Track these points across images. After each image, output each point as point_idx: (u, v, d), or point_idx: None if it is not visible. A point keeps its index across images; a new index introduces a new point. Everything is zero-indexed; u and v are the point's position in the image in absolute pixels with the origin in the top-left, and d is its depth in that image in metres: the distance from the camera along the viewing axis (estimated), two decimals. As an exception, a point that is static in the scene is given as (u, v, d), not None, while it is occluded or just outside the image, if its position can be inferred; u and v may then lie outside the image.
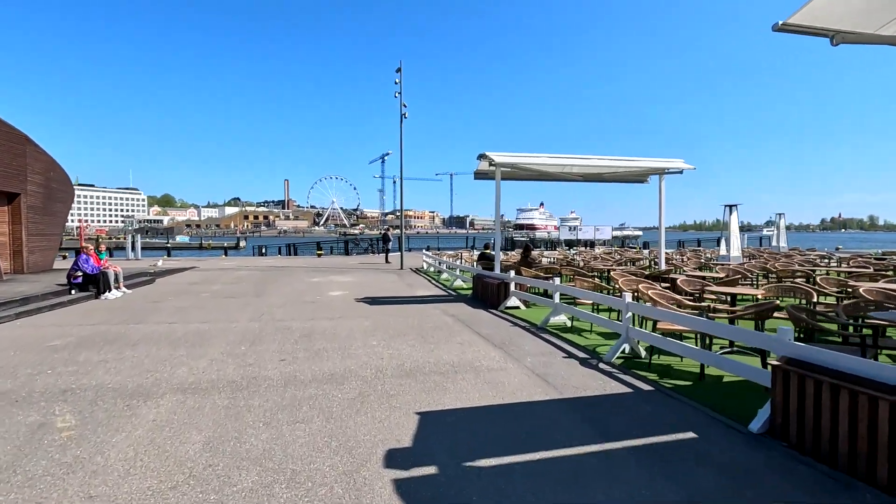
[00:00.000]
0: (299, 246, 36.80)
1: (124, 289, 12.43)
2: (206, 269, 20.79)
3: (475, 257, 19.48)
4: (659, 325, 5.72)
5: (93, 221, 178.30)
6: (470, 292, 12.90)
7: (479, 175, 12.18)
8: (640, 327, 6.40)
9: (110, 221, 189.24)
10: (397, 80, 20.48)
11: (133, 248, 26.94)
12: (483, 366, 5.73)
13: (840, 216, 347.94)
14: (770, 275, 11.16)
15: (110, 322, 8.54)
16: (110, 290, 11.67)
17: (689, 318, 5.04)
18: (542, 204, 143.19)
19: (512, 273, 10.15)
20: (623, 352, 6.03)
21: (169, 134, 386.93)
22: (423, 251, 22.55)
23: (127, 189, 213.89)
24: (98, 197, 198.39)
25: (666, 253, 21.98)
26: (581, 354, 6.29)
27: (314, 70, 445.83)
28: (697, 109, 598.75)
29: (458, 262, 17.94)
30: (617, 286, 8.55)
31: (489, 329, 7.97)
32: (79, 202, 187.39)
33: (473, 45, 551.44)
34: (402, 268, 21.07)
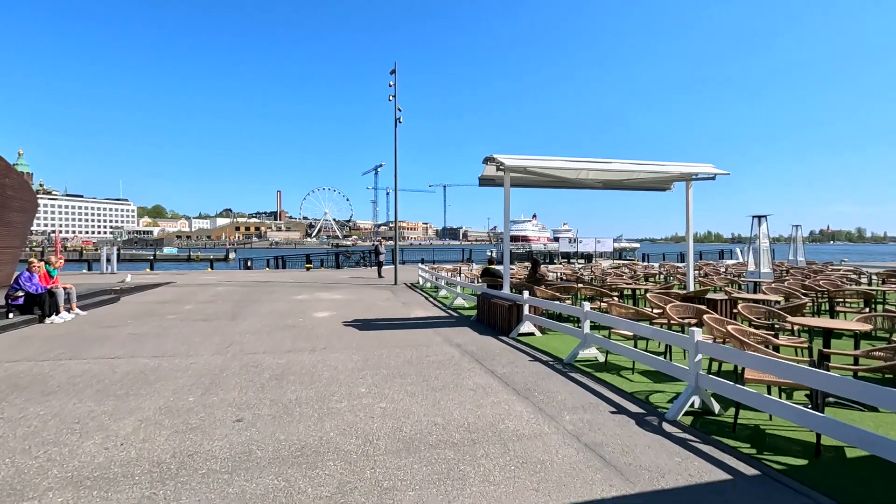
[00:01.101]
0: (288, 259, 35.15)
1: (77, 310, 10.83)
2: (183, 284, 19.15)
3: (476, 272, 18.04)
4: (748, 375, 4.28)
5: (81, 233, 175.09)
6: (473, 313, 11.44)
7: (485, 181, 10.80)
8: (711, 372, 4.93)
9: (99, 233, 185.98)
10: (391, 83, 19.19)
11: (109, 261, 25.15)
12: (510, 429, 4.25)
13: (829, 228, 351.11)
14: (818, 294, 9.80)
15: (39, 357, 6.97)
16: (58, 313, 10.07)
17: (798, 370, 3.61)
18: (534, 216, 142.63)
19: (526, 294, 8.71)
20: (692, 405, 4.58)
21: (160, 145, 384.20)
22: (419, 265, 21.07)
23: (117, 200, 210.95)
24: (86, 208, 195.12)
25: (678, 267, 20.70)
26: (633, 408, 4.83)
27: (307, 82, 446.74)
28: (680, 114, 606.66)
29: (457, 278, 16.49)
30: (655, 310, 7.14)
31: (505, 366, 6.49)
32: (67, 213, 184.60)
33: (466, 58, 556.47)
34: (396, 283, 19.57)
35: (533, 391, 5.36)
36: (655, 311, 7.11)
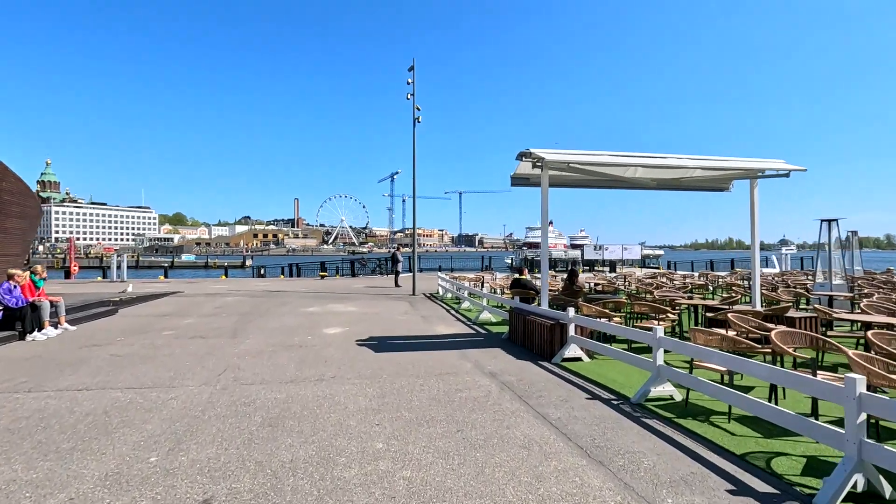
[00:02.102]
0: (303, 266, 34.21)
1: (66, 325, 9.80)
2: (191, 294, 18.19)
3: (501, 282, 16.66)
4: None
5: (104, 240, 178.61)
6: (503, 330, 10.09)
7: (518, 180, 9.48)
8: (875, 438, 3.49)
9: (122, 240, 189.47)
10: (409, 80, 18.09)
11: (119, 268, 24.43)
12: (594, 526, 2.91)
13: (856, 234, 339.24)
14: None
15: (-4, 387, 5.85)
16: (42, 329, 9.03)
17: None
18: (551, 222, 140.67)
19: (572, 312, 7.34)
20: (853, 486, 3.17)
21: (181, 153, 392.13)
22: (438, 274, 19.80)
23: (139, 208, 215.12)
24: (110, 216, 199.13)
25: (719, 276, 19.02)
26: (759, 484, 3.44)
27: (324, 89, 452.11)
28: (688, 125, 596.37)
29: (479, 289, 15.17)
30: (751, 336, 5.70)
31: (559, 407, 5.14)
32: (91, 221, 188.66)
33: (480, 66, 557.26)
34: (414, 293, 18.32)
35: (606, 450, 4.00)
36: (751, 336, 5.67)
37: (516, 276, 12.08)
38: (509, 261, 56.88)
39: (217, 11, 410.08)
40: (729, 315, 6.12)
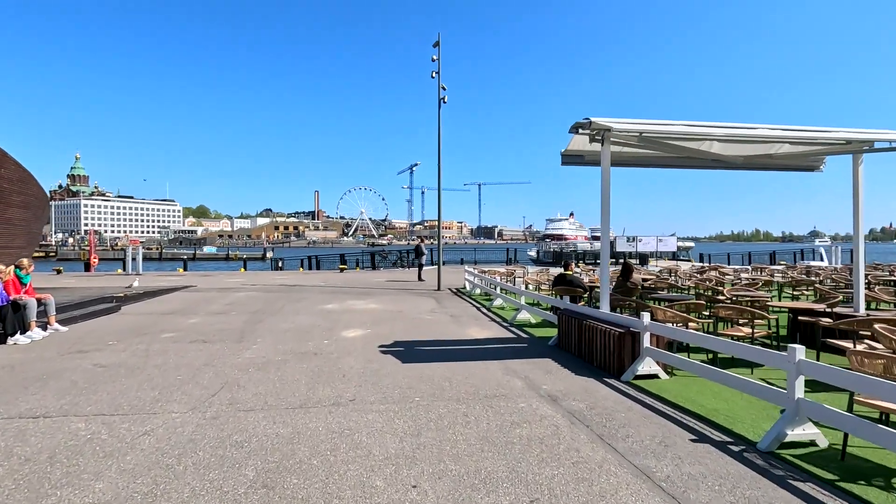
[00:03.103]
0: (322, 259, 33.22)
1: (57, 325, 8.77)
2: (203, 288, 17.23)
3: (536, 276, 15.16)
4: None
5: (131, 232, 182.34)
6: (548, 334, 8.70)
7: (570, 158, 7.99)
8: None
9: (148, 232, 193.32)
10: (434, 57, 16.64)
11: (135, 260, 23.72)
12: None
13: (891, 226, 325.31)
14: None
15: (-63, 411, 4.72)
16: (26, 330, 7.99)
17: None
18: (571, 213, 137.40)
19: (647, 318, 5.88)
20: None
21: (204, 146, 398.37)
22: (466, 268, 18.42)
23: (164, 201, 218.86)
24: (136, 208, 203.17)
25: (775, 270, 17.15)
26: None
27: (344, 82, 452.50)
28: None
29: (512, 284, 13.74)
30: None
31: (661, 458, 3.72)
32: (119, 214, 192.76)
33: (505, 54, 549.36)
34: (439, 288, 17.00)
35: (769, 549, 2.59)
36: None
37: (561, 271, 10.60)
38: (533, 253, 55.08)
39: (240, 5, 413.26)
40: (876, 326, 4.58)
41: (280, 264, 31.38)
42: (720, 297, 8.65)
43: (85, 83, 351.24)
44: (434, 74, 16.60)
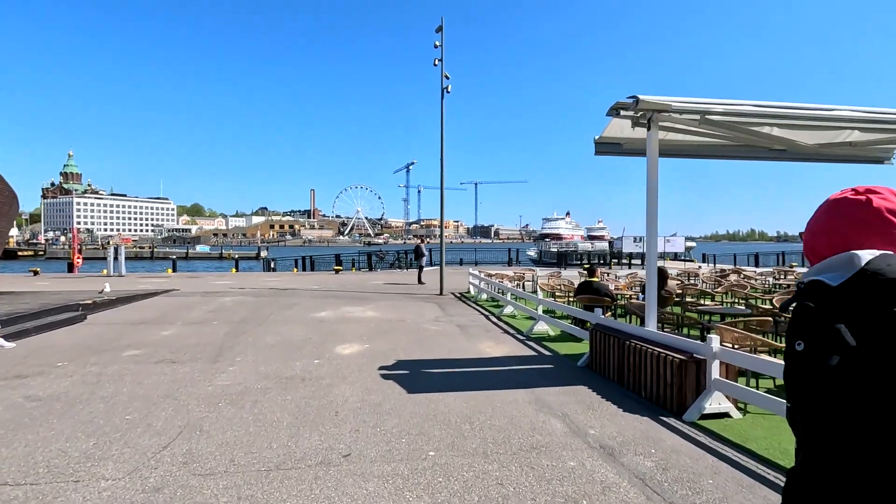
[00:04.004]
0: (317, 259, 31.83)
1: (1, 341, 7.51)
2: (186, 292, 15.94)
3: (552, 282, 13.95)
4: None
5: (124, 231, 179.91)
6: (571, 351, 7.53)
7: (605, 146, 6.77)
8: None
9: (141, 230, 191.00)
10: (437, 43, 15.42)
11: (116, 260, 22.35)
12: None
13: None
14: None
15: None
16: (-41, 350, 6.73)
17: None
18: (568, 213, 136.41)
19: (716, 342, 4.68)
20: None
21: (199, 144, 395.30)
22: (470, 270, 17.23)
23: (157, 199, 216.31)
24: (130, 207, 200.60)
25: (795, 272, 16.05)
26: None
27: (341, 80, 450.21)
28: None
29: (521, 288, 12.56)
30: None
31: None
32: (112, 212, 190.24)
33: (499, 56, 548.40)
34: (441, 293, 15.80)
35: None
36: None
37: (585, 277, 9.40)
38: (533, 253, 53.86)
39: (234, 2, 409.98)
40: None
41: (272, 265, 30.04)
42: (768, 308, 7.48)
43: (78, 80, 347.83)
44: (437, 62, 15.39)
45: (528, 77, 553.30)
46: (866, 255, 0.93)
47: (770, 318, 6.18)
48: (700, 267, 23.04)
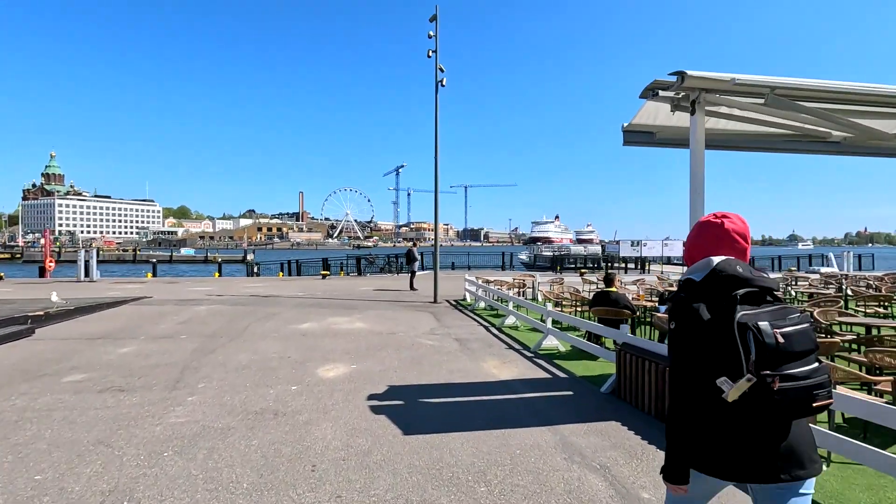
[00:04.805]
0: (304, 263, 30.53)
1: (-83, 365, 6.30)
2: (159, 300, 14.69)
3: (556, 290, 12.95)
4: None
5: (108, 233, 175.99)
6: (592, 372, 6.55)
7: (635, 135, 5.79)
8: None
9: (126, 233, 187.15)
10: (431, 33, 14.45)
11: (87, 263, 20.91)
12: None
13: (866, 230, 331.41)
14: None
15: None
16: None
17: None
18: (557, 217, 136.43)
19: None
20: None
21: (185, 146, 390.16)
22: (466, 276, 16.24)
23: (143, 201, 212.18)
24: (114, 209, 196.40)
25: (811, 279, 15.22)
26: None
27: (331, 83, 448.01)
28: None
29: (522, 296, 11.56)
30: None
31: None
32: (95, 214, 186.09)
33: (490, 61, 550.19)
34: (435, 300, 14.76)
35: None
36: None
37: (602, 287, 8.40)
38: (524, 256, 53.02)
39: (221, 3, 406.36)
40: None
41: (256, 269, 28.71)
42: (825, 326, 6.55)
43: (62, 79, 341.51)
44: (431, 53, 14.40)
45: (518, 81, 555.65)
46: (716, 259, 1.61)
47: (839, 341, 5.20)
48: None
